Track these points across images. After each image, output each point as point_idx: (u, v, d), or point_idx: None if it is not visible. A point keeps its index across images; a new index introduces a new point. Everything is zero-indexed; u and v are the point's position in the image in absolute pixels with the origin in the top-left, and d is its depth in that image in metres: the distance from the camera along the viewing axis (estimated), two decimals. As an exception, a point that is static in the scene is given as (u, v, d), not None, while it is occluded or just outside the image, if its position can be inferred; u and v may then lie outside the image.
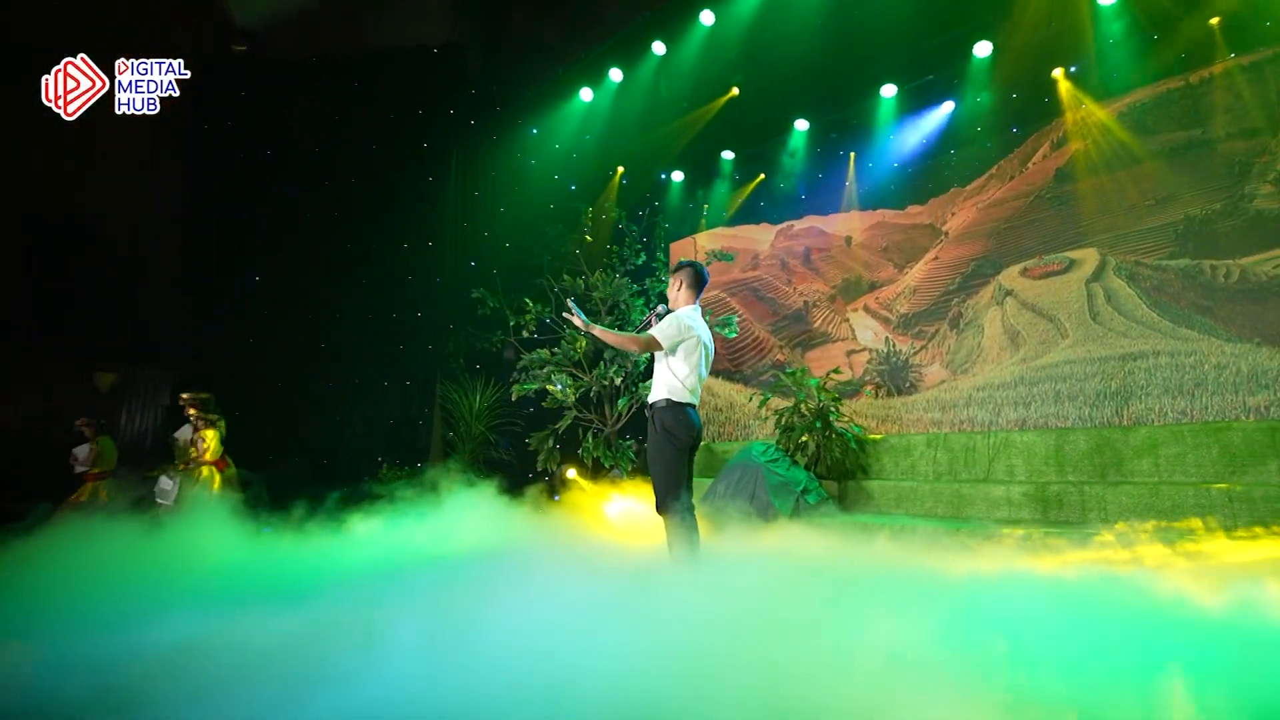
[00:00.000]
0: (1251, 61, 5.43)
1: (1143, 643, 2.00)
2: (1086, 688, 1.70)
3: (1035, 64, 6.56)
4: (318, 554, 4.79)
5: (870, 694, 1.63)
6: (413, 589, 3.14)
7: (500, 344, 7.83)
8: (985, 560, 3.31)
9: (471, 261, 8.10)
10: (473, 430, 6.94)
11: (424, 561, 4.17)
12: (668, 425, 3.39)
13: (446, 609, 2.60)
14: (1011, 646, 1.90)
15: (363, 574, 3.93)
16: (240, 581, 3.80)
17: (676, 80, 8.41)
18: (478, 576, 3.35)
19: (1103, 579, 2.74)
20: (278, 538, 5.55)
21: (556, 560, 3.70)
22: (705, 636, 2.02)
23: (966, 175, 7.07)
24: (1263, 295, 5.23)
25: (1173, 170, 5.76)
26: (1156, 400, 5.60)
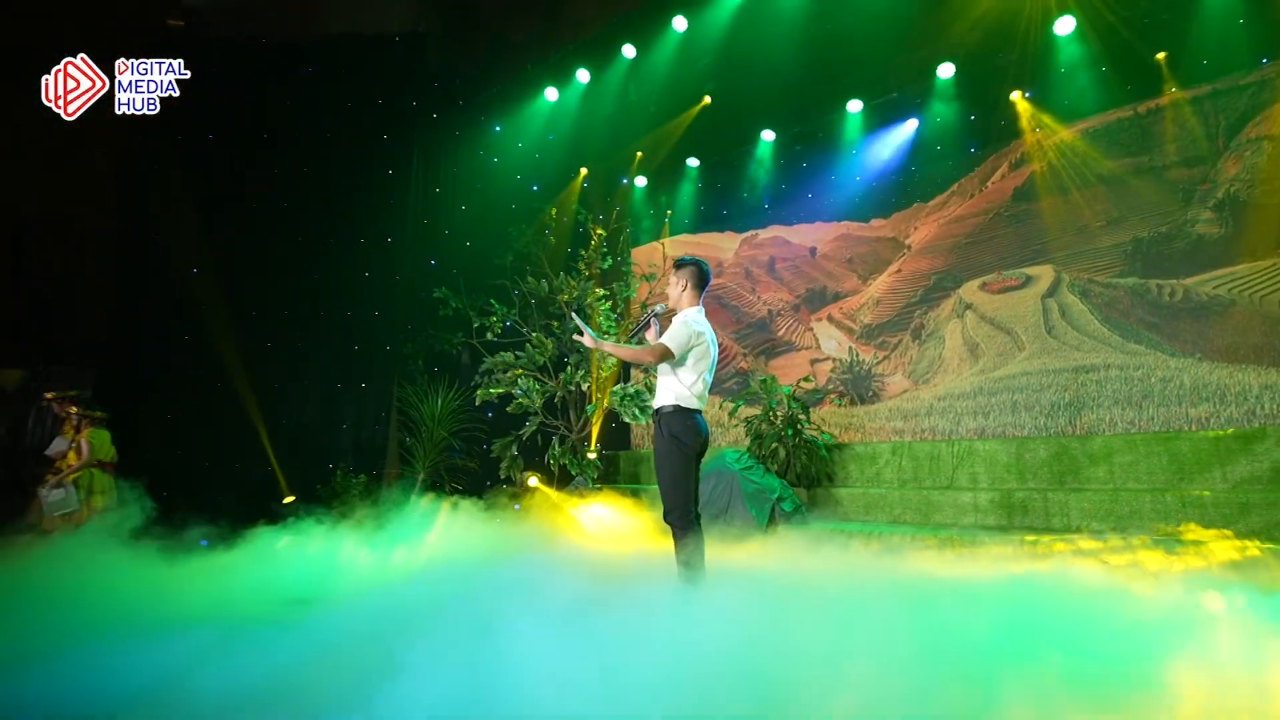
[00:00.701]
0: (1194, 96, 5.82)
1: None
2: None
3: (995, 87, 6.83)
4: (259, 572, 4.40)
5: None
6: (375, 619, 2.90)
7: (461, 346, 7.54)
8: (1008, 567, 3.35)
9: (432, 260, 7.77)
10: (434, 436, 6.63)
11: (382, 582, 3.88)
12: (676, 432, 3.28)
13: (447, 638, 2.39)
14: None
15: (314, 596, 3.64)
16: (173, 606, 3.44)
17: (645, 85, 8.36)
18: (465, 599, 3.13)
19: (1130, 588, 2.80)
20: (214, 553, 5.11)
21: (545, 579, 3.51)
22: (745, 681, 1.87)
23: (929, 191, 7.30)
24: (1204, 313, 5.59)
25: (1123, 194, 6.10)
26: (1107, 411, 5.89)
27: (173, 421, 6.47)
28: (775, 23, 7.23)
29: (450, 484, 6.79)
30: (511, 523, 5.95)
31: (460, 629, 2.39)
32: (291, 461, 6.38)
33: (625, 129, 8.86)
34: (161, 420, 6.44)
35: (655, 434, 3.37)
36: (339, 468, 6.36)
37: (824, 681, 1.74)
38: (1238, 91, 5.65)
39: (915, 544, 4.42)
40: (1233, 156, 5.61)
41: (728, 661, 1.91)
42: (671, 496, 3.26)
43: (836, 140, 7.99)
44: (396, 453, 7.05)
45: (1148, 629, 2.44)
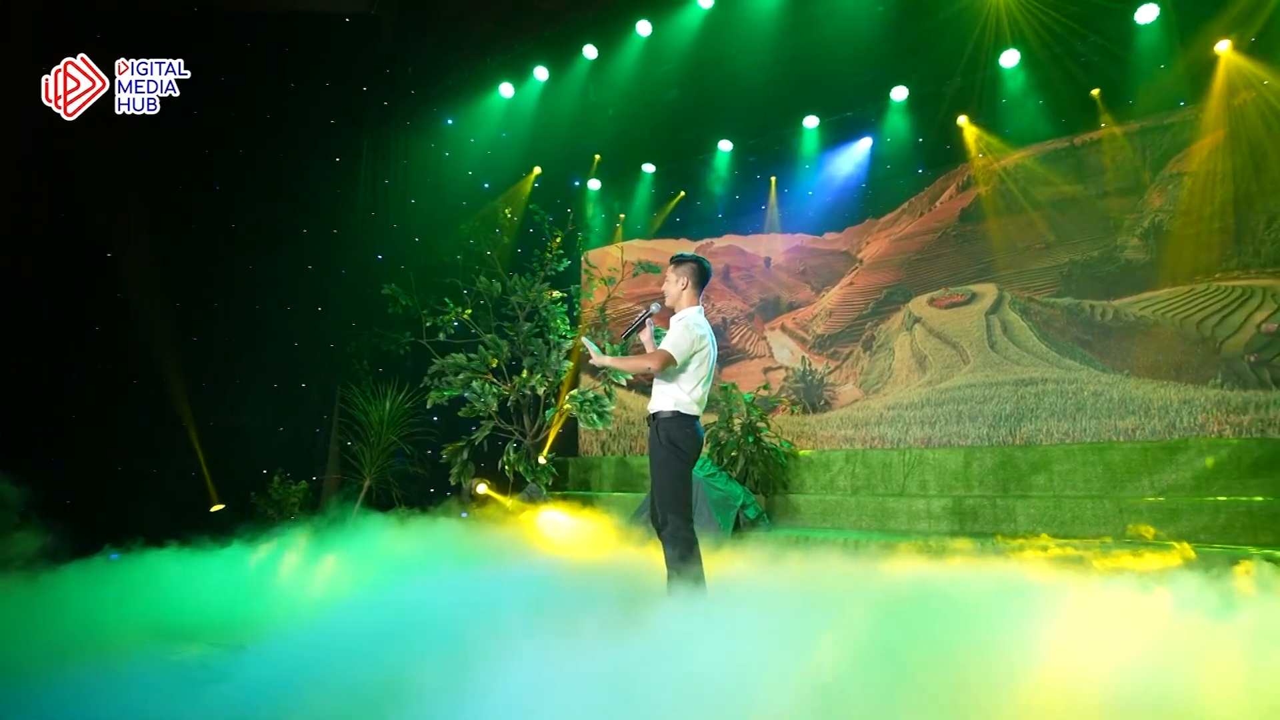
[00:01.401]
0: (1125, 131, 6.30)
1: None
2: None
3: (944, 111, 7.17)
4: (152, 595, 3.85)
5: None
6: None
7: (408, 346, 7.18)
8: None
9: (379, 255, 7.37)
10: (381, 440, 6.26)
11: (307, 613, 3.37)
12: (674, 438, 3.20)
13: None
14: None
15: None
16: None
17: (605, 87, 8.28)
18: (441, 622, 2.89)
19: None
20: (116, 569, 4.58)
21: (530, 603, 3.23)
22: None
23: (881, 208, 7.57)
24: (1131, 333, 6.04)
25: (1060, 220, 6.52)
26: (1044, 422, 6.25)
27: (78, 422, 5.81)
28: (738, 36, 7.32)
29: (398, 491, 6.43)
30: (466, 533, 5.63)
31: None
32: (222, 467, 5.86)
33: (581, 130, 8.74)
34: (65, 420, 5.78)
35: (651, 439, 3.27)
36: (276, 474, 5.89)
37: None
38: (1162, 130, 6.16)
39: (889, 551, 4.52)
40: (1157, 189, 6.11)
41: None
42: (669, 504, 3.18)
43: (793, 154, 8.17)
44: (338, 457, 6.62)
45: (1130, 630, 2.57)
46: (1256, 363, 5.50)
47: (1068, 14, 6.20)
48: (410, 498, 6.49)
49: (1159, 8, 6.03)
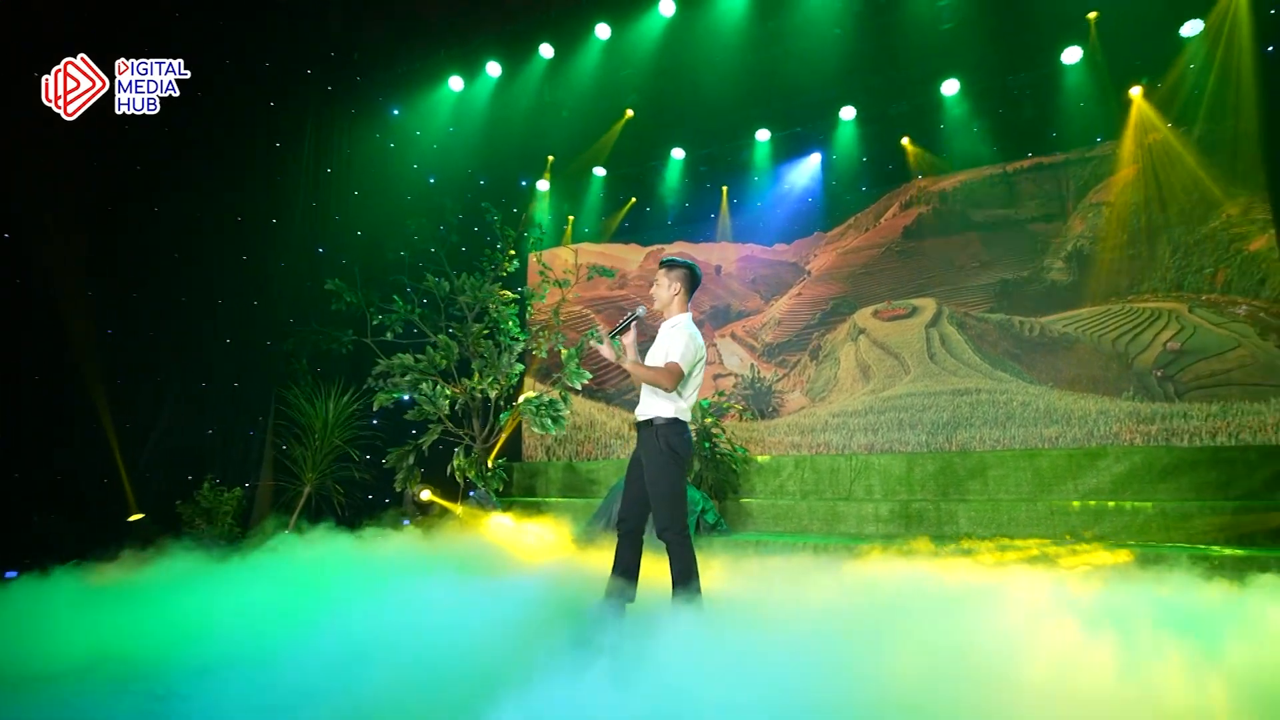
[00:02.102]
0: (1051, 162, 6.82)
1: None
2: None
3: (889, 133, 7.54)
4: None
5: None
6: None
7: (351, 346, 6.81)
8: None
9: (320, 248, 6.96)
10: (324, 444, 5.88)
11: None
12: (674, 444, 3.18)
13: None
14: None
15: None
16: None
17: (560, 88, 8.19)
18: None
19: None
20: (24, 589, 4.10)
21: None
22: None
23: (828, 222, 7.85)
24: (1056, 348, 6.53)
25: (993, 240, 6.98)
26: (978, 430, 6.66)
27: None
28: (696, 47, 7.41)
29: (340, 498, 6.07)
30: (422, 543, 5.30)
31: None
32: (142, 472, 5.35)
33: (533, 130, 8.61)
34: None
35: (649, 446, 3.21)
36: (205, 480, 5.43)
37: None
38: (1083, 163, 6.71)
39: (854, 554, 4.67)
40: (1079, 217, 6.65)
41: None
42: (670, 511, 3.14)
43: (744, 166, 8.35)
44: (272, 462, 6.17)
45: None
46: (1162, 378, 6.07)
47: (1003, 49, 6.66)
48: (354, 505, 6.15)
49: (1082, 50, 6.58)
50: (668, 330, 3.35)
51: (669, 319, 3.39)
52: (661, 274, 3.42)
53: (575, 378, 6.86)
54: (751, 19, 7.08)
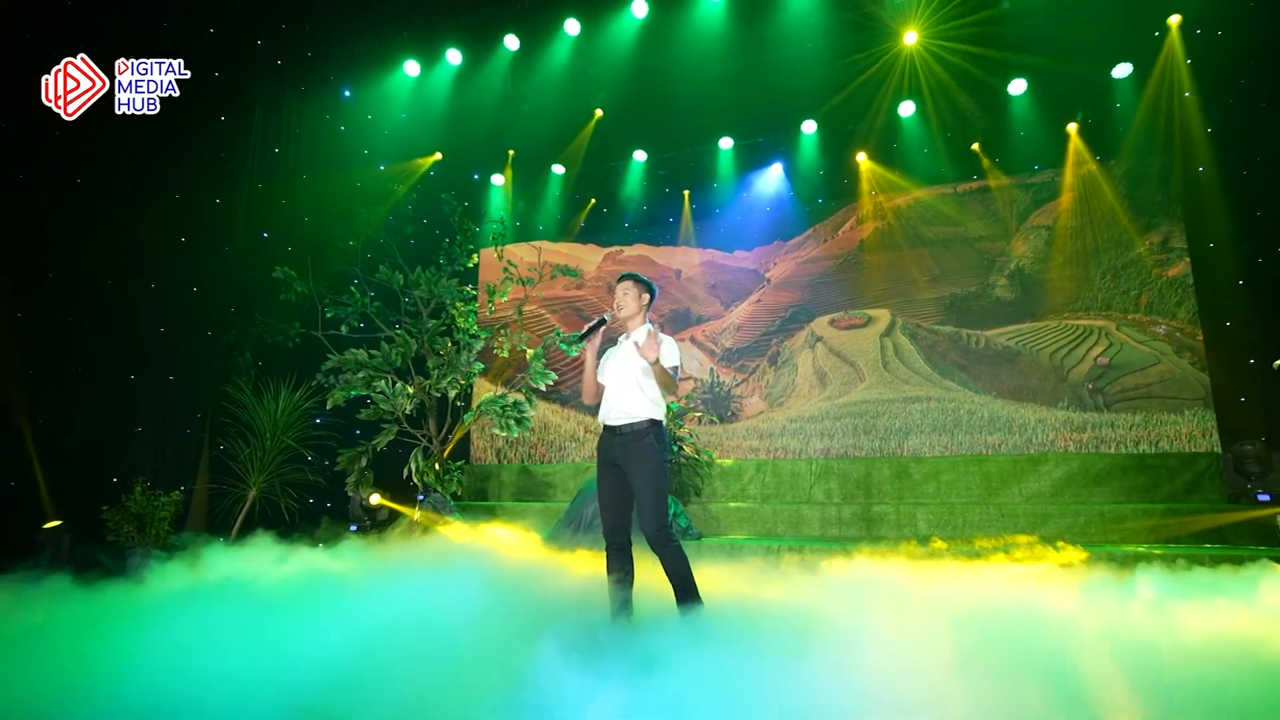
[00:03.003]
0: (997, 185, 7.27)
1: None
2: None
3: (847, 148, 7.81)
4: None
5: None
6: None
7: (298, 339, 6.36)
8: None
9: (264, 233, 6.46)
10: (273, 444, 5.44)
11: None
12: (663, 446, 3.14)
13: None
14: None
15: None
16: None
17: (524, 81, 8.00)
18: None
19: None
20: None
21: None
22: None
23: (788, 231, 8.04)
24: (1000, 360, 6.95)
25: (944, 256, 7.35)
26: (928, 436, 6.99)
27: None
28: (665, 51, 7.44)
29: (287, 502, 5.63)
30: (366, 553, 4.83)
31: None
32: (62, 474, 4.76)
33: (491, 123, 8.37)
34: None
35: (638, 449, 3.09)
36: (137, 482, 4.90)
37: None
38: (1025, 188, 7.19)
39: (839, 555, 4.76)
40: (1021, 238, 7.11)
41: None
42: (661, 514, 3.07)
43: (706, 172, 8.43)
44: (213, 464, 5.65)
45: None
46: (1093, 390, 6.58)
47: (955, 76, 7.04)
48: (306, 510, 5.73)
49: (1026, 82, 7.06)
50: (646, 339, 3.27)
51: (637, 328, 3.30)
52: (630, 285, 3.31)
53: (540, 378, 6.69)
54: (723, 28, 7.17)
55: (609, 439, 3.12)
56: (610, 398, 3.15)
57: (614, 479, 3.12)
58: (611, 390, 3.15)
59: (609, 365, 3.22)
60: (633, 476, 3.03)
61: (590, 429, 8.37)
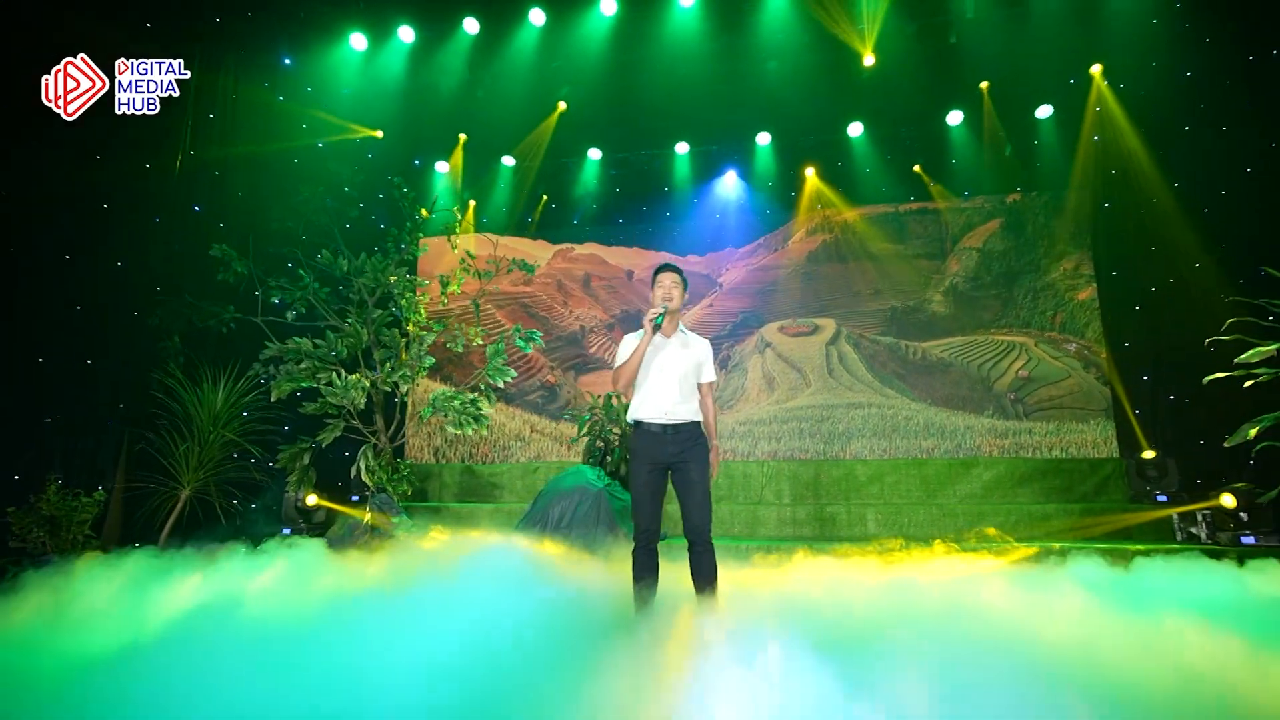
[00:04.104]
0: (933, 208, 7.80)
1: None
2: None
3: (799, 162, 8.12)
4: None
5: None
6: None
7: (232, 324, 5.80)
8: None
9: (196, 206, 5.84)
10: (210, 439, 4.89)
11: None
12: (709, 447, 3.17)
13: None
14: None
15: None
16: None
17: (481, 66, 7.74)
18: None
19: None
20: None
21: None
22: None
23: (740, 239, 8.24)
24: (934, 370, 7.46)
25: (886, 271, 7.80)
26: (869, 440, 7.38)
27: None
28: (630, 51, 7.45)
29: (222, 503, 5.10)
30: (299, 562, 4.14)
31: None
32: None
33: (441, 108, 8.05)
34: None
35: (698, 449, 3.14)
36: (49, 481, 4.27)
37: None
38: (958, 211, 7.76)
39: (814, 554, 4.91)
40: (955, 258, 7.67)
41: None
42: (709, 513, 3.10)
43: (661, 174, 8.49)
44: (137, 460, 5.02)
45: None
46: (1015, 400, 7.20)
47: (900, 103, 7.51)
48: (247, 512, 5.22)
49: (963, 114, 7.64)
50: (698, 343, 3.33)
51: (681, 326, 3.36)
52: (676, 278, 3.37)
53: (499, 375, 6.47)
54: (688, 35, 7.27)
55: (659, 438, 3.08)
56: (659, 397, 3.11)
57: (658, 480, 3.08)
58: (662, 389, 3.12)
59: (651, 361, 3.18)
60: (692, 473, 3.02)
61: (536, 428, 8.20)
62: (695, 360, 3.24)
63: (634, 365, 3.14)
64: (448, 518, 6.85)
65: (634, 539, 3.08)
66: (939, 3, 6.80)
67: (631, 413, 3.21)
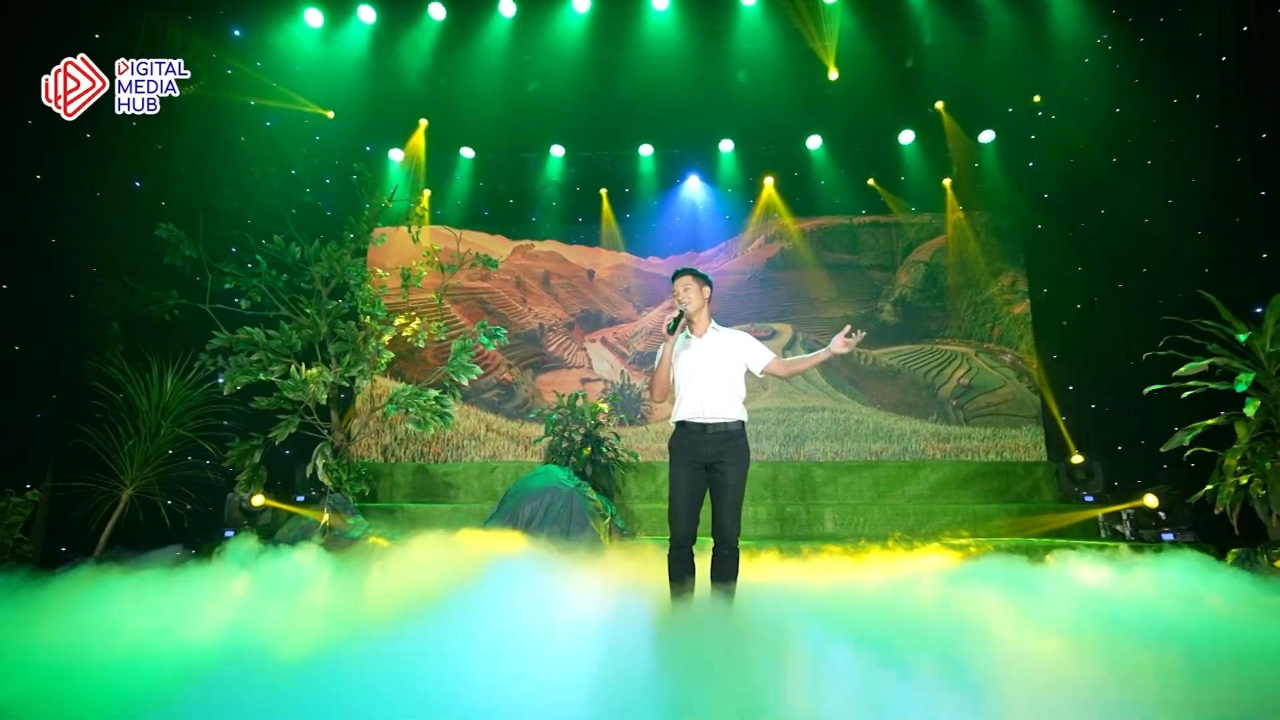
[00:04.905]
0: (885, 222, 8.17)
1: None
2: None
3: (758, 171, 8.31)
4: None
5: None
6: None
7: (176, 311, 5.38)
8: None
9: (137, 181, 5.37)
10: (169, 433, 4.49)
11: None
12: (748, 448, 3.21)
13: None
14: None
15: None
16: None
17: (445, 54, 7.51)
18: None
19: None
20: None
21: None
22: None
23: (701, 243, 8.36)
24: (884, 377, 7.81)
25: (840, 281, 8.10)
26: (822, 443, 7.65)
27: None
28: (599, 52, 7.41)
29: (165, 504, 4.70)
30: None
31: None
32: None
33: (399, 95, 7.77)
34: None
35: (736, 450, 3.14)
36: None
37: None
38: (907, 226, 8.17)
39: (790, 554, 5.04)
40: (904, 270, 8.06)
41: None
42: (739, 517, 3.13)
43: (624, 175, 8.50)
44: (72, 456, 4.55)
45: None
46: (956, 406, 7.64)
47: (857, 119, 7.83)
48: (197, 514, 4.84)
49: (914, 134, 8.04)
50: (741, 335, 3.36)
51: (709, 326, 3.39)
52: (690, 280, 3.39)
53: (464, 372, 6.30)
54: (659, 38, 7.29)
55: (697, 438, 3.07)
56: (698, 397, 3.11)
57: (698, 480, 3.08)
58: (698, 389, 3.12)
59: (685, 362, 3.18)
60: (728, 475, 3.02)
61: (492, 427, 8.02)
62: (734, 357, 3.24)
63: (663, 373, 3.15)
64: (402, 519, 6.60)
65: (670, 544, 3.07)
66: (899, 26, 7.12)
67: (673, 415, 3.21)
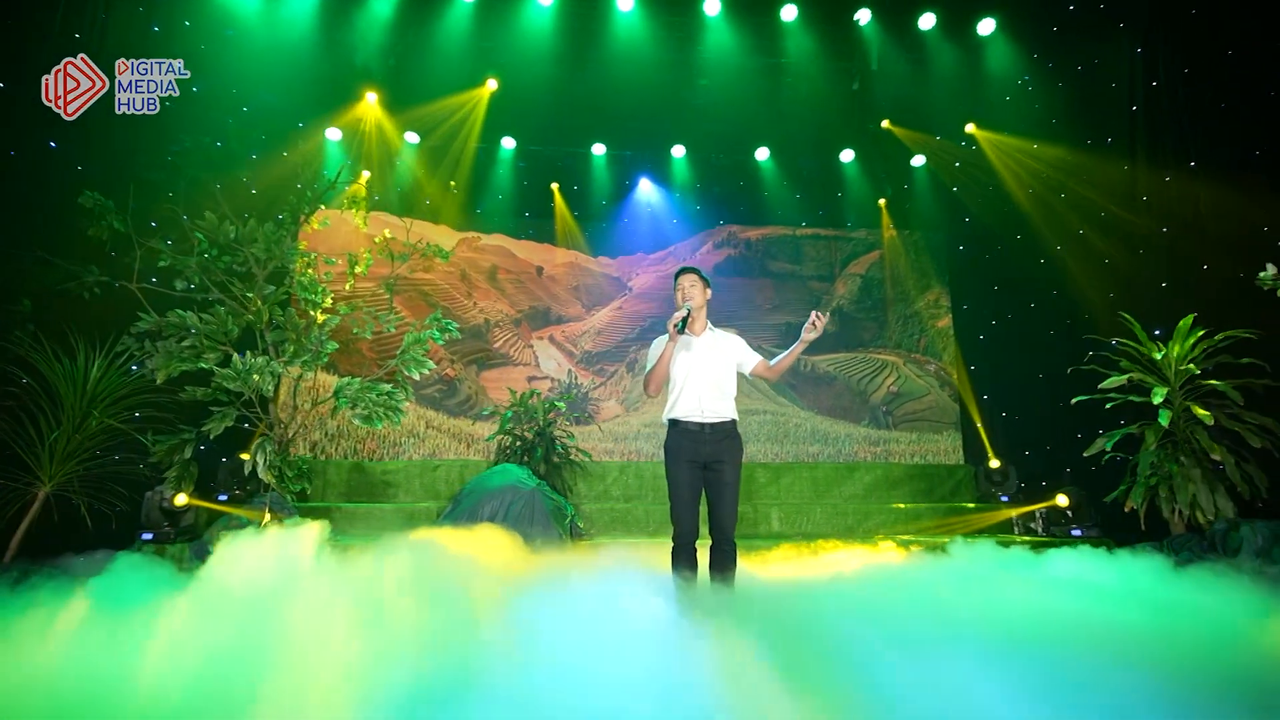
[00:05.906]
0: (825, 234, 8.57)
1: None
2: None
3: (710, 178, 8.50)
4: None
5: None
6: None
7: (97, 289, 4.84)
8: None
9: (52, 142, 4.78)
10: (97, 424, 3.99)
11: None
12: (742, 446, 3.29)
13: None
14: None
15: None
16: None
17: (397, 30, 7.20)
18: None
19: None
20: None
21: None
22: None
23: (651, 245, 8.44)
24: (821, 383, 8.18)
25: (782, 289, 8.42)
26: (764, 445, 7.91)
27: None
28: (557, 47, 7.35)
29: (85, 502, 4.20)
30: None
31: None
32: None
33: (341, 72, 7.38)
34: None
35: (734, 447, 3.22)
36: None
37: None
38: (845, 240, 8.61)
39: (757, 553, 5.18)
40: (842, 281, 8.49)
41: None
42: (735, 513, 3.20)
43: (576, 173, 8.43)
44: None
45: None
46: (886, 412, 8.12)
47: (803, 134, 8.17)
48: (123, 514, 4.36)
49: (855, 153, 8.49)
50: (731, 338, 3.45)
51: (706, 326, 3.49)
52: (695, 279, 3.51)
53: (416, 366, 6.04)
54: (622, 39, 7.32)
55: (695, 437, 3.11)
56: (695, 395, 3.15)
57: (697, 478, 3.11)
58: (696, 387, 3.16)
59: (683, 360, 3.21)
60: (726, 474, 3.07)
61: (433, 424, 7.73)
62: (729, 357, 3.33)
63: (663, 368, 3.18)
64: (340, 519, 6.27)
65: (674, 540, 3.09)
66: (850, 49, 7.49)
67: (667, 412, 3.23)
